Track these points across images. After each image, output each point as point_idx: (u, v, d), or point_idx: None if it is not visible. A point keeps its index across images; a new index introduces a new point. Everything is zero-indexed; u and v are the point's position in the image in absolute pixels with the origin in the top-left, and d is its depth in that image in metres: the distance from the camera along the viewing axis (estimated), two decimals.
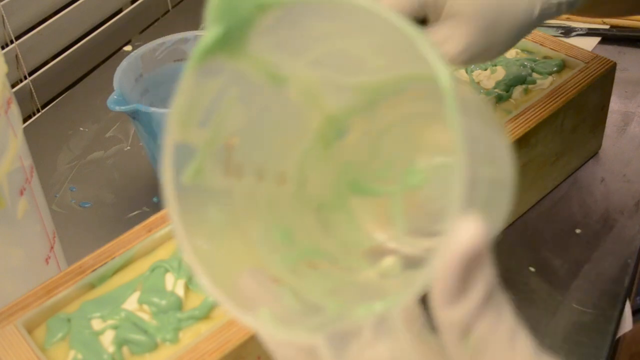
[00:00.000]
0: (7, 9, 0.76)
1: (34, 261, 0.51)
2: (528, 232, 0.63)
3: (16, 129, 0.46)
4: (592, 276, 0.60)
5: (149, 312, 0.46)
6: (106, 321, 0.46)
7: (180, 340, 0.45)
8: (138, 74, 0.66)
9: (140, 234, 0.51)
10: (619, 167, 0.69)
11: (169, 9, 0.98)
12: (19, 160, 0.47)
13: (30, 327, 0.46)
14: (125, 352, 0.45)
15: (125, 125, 0.78)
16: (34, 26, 0.80)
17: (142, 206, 0.69)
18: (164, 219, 0.52)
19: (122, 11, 0.92)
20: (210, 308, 0.46)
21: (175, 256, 0.50)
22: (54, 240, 0.53)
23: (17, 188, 0.47)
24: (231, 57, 0.28)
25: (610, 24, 0.86)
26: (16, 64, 0.78)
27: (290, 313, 0.28)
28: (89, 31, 0.87)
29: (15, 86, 0.79)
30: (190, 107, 0.28)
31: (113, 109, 0.59)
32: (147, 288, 0.47)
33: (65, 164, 0.74)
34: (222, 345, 0.44)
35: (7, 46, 0.77)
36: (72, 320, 0.46)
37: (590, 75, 0.62)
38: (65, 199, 0.70)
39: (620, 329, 0.58)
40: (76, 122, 0.80)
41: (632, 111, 0.75)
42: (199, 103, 0.28)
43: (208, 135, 0.29)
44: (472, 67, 0.65)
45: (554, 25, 0.86)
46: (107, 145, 0.76)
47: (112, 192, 0.71)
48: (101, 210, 0.69)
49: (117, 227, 0.63)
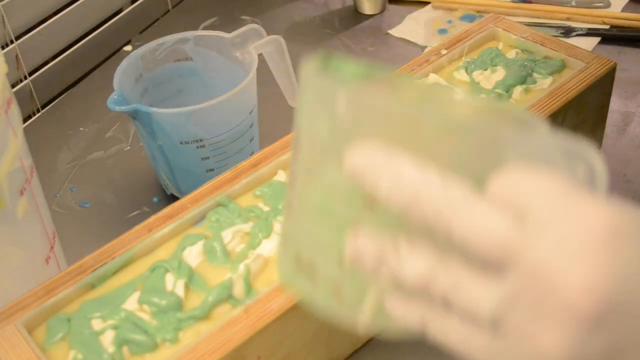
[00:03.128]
0: (7, 9, 0.76)
1: (34, 261, 0.51)
2: None
3: (16, 129, 0.46)
4: None
5: (149, 312, 0.46)
6: (106, 321, 0.46)
7: (180, 340, 0.45)
8: (138, 74, 0.66)
9: (140, 234, 0.51)
10: (619, 167, 0.69)
11: (169, 9, 0.98)
12: (19, 160, 0.47)
13: (30, 327, 0.46)
14: (125, 352, 0.45)
15: (125, 125, 0.78)
16: (34, 26, 0.80)
17: (142, 206, 0.69)
18: (164, 219, 0.52)
19: (122, 11, 0.92)
20: (210, 308, 0.46)
21: (175, 256, 0.50)
22: (54, 240, 0.53)
23: (17, 188, 0.47)
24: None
25: (610, 24, 0.86)
26: (16, 64, 0.78)
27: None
28: (89, 31, 0.87)
29: (15, 86, 0.79)
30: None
31: (113, 109, 0.59)
32: (147, 288, 0.48)
33: (65, 164, 0.74)
34: (222, 345, 0.44)
35: (7, 46, 0.77)
36: (72, 320, 0.46)
37: (590, 75, 0.62)
38: (65, 199, 0.70)
39: None
40: (76, 122, 0.80)
41: (632, 111, 0.75)
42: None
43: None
44: (472, 67, 0.65)
45: (554, 26, 0.87)
46: (107, 145, 0.76)
47: (112, 192, 0.71)
48: (101, 210, 0.69)
49: (117, 227, 0.63)
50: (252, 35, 0.66)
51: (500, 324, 0.29)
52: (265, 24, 0.78)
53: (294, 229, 0.35)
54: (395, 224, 0.31)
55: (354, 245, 0.31)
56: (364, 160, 0.30)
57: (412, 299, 0.32)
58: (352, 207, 0.32)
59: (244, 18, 0.95)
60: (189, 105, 0.60)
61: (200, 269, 0.49)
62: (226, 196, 0.54)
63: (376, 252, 0.31)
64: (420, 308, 0.31)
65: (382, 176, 0.30)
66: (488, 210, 0.29)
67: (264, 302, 0.46)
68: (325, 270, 0.33)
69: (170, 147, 0.62)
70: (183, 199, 0.53)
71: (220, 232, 0.51)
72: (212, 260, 0.50)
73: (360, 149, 0.31)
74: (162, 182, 0.68)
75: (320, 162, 0.33)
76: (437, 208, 0.29)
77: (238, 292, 0.47)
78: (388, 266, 0.31)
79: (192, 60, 0.68)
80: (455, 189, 0.29)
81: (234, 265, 0.49)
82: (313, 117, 0.33)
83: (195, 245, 0.50)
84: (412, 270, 0.30)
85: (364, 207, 0.32)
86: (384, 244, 0.31)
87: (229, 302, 0.47)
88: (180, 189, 0.67)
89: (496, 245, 0.28)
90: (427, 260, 0.30)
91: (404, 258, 0.30)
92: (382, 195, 0.30)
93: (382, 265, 0.31)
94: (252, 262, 0.49)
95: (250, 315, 0.45)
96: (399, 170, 0.30)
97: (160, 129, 0.61)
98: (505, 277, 0.29)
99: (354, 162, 0.31)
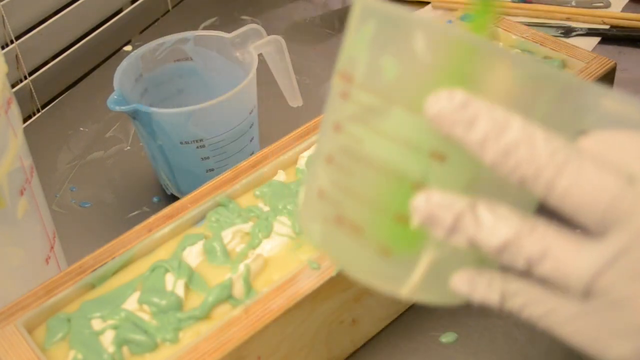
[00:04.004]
0: (7, 9, 0.76)
1: (34, 261, 0.51)
2: None
3: (16, 129, 0.46)
4: None
5: (149, 312, 0.46)
6: (106, 321, 0.46)
7: (180, 340, 0.45)
8: (138, 74, 0.66)
9: (140, 234, 0.51)
10: None
11: (169, 9, 0.98)
12: (19, 160, 0.47)
13: (30, 327, 0.46)
14: (125, 352, 0.45)
15: (125, 125, 0.78)
16: (34, 26, 0.80)
17: (142, 206, 0.69)
18: (164, 219, 0.52)
19: (122, 11, 0.92)
20: (210, 308, 0.46)
21: (176, 256, 0.50)
22: (54, 240, 0.53)
23: (17, 188, 0.47)
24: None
25: (610, 24, 0.86)
26: (16, 64, 0.78)
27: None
28: (89, 31, 0.87)
29: (15, 86, 0.79)
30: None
31: (113, 109, 0.59)
32: (147, 288, 0.48)
33: (65, 164, 0.74)
34: (222, 345, 0.44)
35: (7, 46, 0.77)
36: (72, 320, 0.46)
37: (590, 75, 0.62)
38: (65, 199, 0.70)
39: None
40: (76, 122, 0.80)
41: None
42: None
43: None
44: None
45: (554, 25, 0.87)
46: (107, 145, 0.76)
47: (112, 192, 0.71)
48: (101, 210, 0.69)
49: (117, 227, 0.63)
50: (252, 35, 0.66)
51: (593, 289, 0.27)
52: (265, 24, 0.78)
53: (335, 184, 0.32)
54: (468, 180, 0.29)
55: (425, 204, 0.29)
56: (453, 105, 0.28)
57: (485, 269, 0.30)
58: (418, 159, 0.29)
59: (244, 18, 0.95)
60: (189, 105, 0.60)
61: (200, 269, 0.49)
62: (226, 196, 0.54)
63: (452, 212, 0.28)
64: (495, 279, 0.30)
65: (478, 123, 0.28)
66: (594, 167, 0.27)
67: (264, 302, 0.46)
68: (373, 230, 0.31)
69: (170, 147, 0.62)
70: (183, 199, 0.53)
71: (220, 232, 0.51)
72: (212, 260, 0.50)
73: (449, 93, 0.28)
74: (162, 182, 0.68)
75: (381, 108, 0.30)
76: (540, 163, 0.27)
77: (238, 292, 0.47)
78: (465, 229, 0.28)
79: (192, 60, 0.68)
80: (559, 144, 0.27)
81: (234, 265, 0.49)
82: (374, 55, 0.30)
83: (195, 245, 0.50)
84: (494, 235, 0.28)
85: (432, 160, 0.29)
86: (460, 204, 0.29)
87: (229, 302, 0.47)
88: (180, 189, 0.67)
89: (604, 204, 0.27)
90: (510, 224, 0.28)
91: (484, 220, 0.28)
92: (474, 145, 0.28)
93: (457, 227, 0.29)
94: (252, 262, 0.49)
95: (250, 315, 0.45)
96: (497, 119, 0.28)
97: (160, 129, 0.61)
98: (606, 238, 0.27)
99: (441, 105, 0.28)
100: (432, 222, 0.29)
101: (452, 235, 0.29)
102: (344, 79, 0.31)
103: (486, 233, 0.28)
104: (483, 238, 0.28)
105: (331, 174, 0.32)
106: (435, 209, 0.29)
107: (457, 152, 0.29)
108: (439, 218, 0.29)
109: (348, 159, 0.31)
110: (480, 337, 0.55)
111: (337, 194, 0.32)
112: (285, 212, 0.52)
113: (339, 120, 0.31)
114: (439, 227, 0.29)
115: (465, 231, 0.29)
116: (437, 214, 0.29)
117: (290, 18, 0.94)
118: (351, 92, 0.31)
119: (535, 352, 0.54)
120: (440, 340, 0.54)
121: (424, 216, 0.29)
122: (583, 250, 0.27)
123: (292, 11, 0.96)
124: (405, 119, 0.29)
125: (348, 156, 0.31)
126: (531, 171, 0.27)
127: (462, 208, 0.29)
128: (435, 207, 0.29)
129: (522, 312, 0.30)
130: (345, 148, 0.31)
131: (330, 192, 0.32)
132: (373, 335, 0.55)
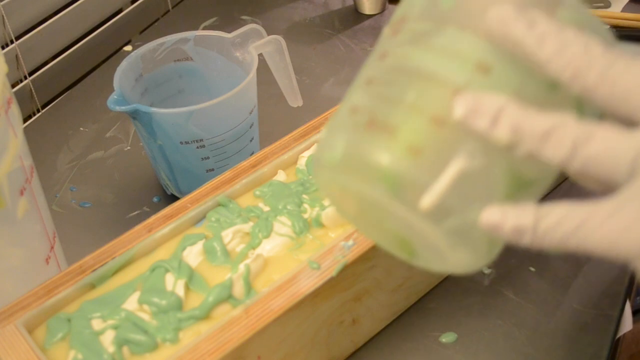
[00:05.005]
0: (7, 9, 0.76)
1: (34, 261, 0.51)
2: None
3: (16, 129, 0.46)
4: (592, 276, 0.60)
5: (149, 312, 0.46)
6: (106, 321, 0.46)
7: (180, 340, 0.45)
8: (138, 74, 0.66)
9: (140, 234, 0.51)
10: None
11: (169, 9, 0.98)
12: (19, 160, 0.47)
13: (30, 327, 0.46)
14: (125, 352, 0.45)
15: (125, 125, 0.78)
16: (34, 26, 0.80)
17: (142, 206, 0.69)
18: (164, 219, 0.52)
19: (122, 11, 0.92)
20: (210, 308, 0.46)
21: (175, 256, 0.50)
22: (54, 240, 0.53)
23: (17, 188, 0.47)
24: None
25: (610, 24, 0.86)
26: (16, 64, 0.78)
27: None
28: (89, 31, 0.87)
29: (15, 86, 0.79)
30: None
31: (113, 109, 0.59)
32: (147, 288, 0.48)
33: (65, 164, 0.74)
34: (222, 345, 0.44)
35: (7, 46, 0.77)
36: (72, 320, 0.46)
37: None
38: (65, 199, 0.70)
39: (620, 329, 0.58)
40: (76, 122, 0.80)
41: None
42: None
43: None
44: None
45: None
46: (107, 145, 0.76)
47: (112, 192, 0.71)
48: (101, 210, 0.69)
49: (117, 227, 0.63)
50: (252, 35, 0.66)
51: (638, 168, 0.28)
52: (265, 24, 0.78)
53: (372, 97, 0.32)
54: (508, 95, 0.30)
55: (470, 96, 0.30)
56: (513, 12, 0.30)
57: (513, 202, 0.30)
58: (464, 68, 0.31)
59: (244, 18, 0.95)
60: (189, 105, 0.60)
61: (200, 269, 0.49)
62: (226, 196, 0.54)
63: (496, 103, 0.30)
64: (527, 206, 0.30)
65: (537, 25, 0.30)
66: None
67: (264, 302, 0.46)
68: (407, 130, 0.31)
69: (170, 147, 0.62)
70: (183, 199, 0.53)
71: (220, 232, 0.51)
72: (212, 260, 0.50)
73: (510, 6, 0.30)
74: (162, 182, 0.68)
75: (433, 30, 0.32)
76: (594, 54, 0.29)
77: (238, 292, 0.47)
78: (509, 117, 0.30)
79: (192, 60, 0.69)
80: (613, 51, 0.30)
81: (234, 265, 0.49)
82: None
83: (195, 245, 0.50)
84: (538, 123, 0.29)
85: (477, 71, 0.31)
86: (505, 101, 0.30)
87: (229, 302, 0.47)
88: (180, 189, 0.67)
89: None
90: (555, 115, 0.29)
91: (528, 110, 0.30)
92: (533, 44, 0.30)
93: (501, 117, 0.30)
94: (252, 262, 0.49)
95: (250, 315, 0.45)
96: (554, 23, 0.30)
97: (160, 129, 0.61)
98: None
99: (504, 12, 0.30)
100: (476, 112, 0.30)
101: (495, 126, 0.30)
102: (396, 23, 0.33)
103: (530, 121, 0.29)
104: (528, 126, 0.29)
105: (370, 91, 0.33)
106: (480, 100, 0.30)
107: (503, 66, 0.31)
108: (483, 107, 0.30)
109: (391, 74, 0.32)
110: (480, 337, 0.55)
111: (374, 103, 0.32)
112: (285, 212, 0.52)
113: (385, 49, 0.33)
114: (483, 116, 0.30)
115: (509, 119, 0.29)
116: (481, 104, 0.30)
117: (290, 18, 0.94)
118: (402, 28, 0.32)
119: (535, 352, 0.54)
120: (440, 340, 0.54)
121: (468, 107, 0.30)
122: (627, 134, 0.29)
123: (292, 11, 0.96)
124: (456, 36, 0.31)
125: (392, 72, 0.32)
126: (585, 63, 0.29)
127: (507, 100, 0.30)
128: (479, 98, 0.30)
129: (555, 230, 0.30)
130: (389, 67, 0.32)
131: (365, 105, 0.33)
132: (373, 335, 0.55)
